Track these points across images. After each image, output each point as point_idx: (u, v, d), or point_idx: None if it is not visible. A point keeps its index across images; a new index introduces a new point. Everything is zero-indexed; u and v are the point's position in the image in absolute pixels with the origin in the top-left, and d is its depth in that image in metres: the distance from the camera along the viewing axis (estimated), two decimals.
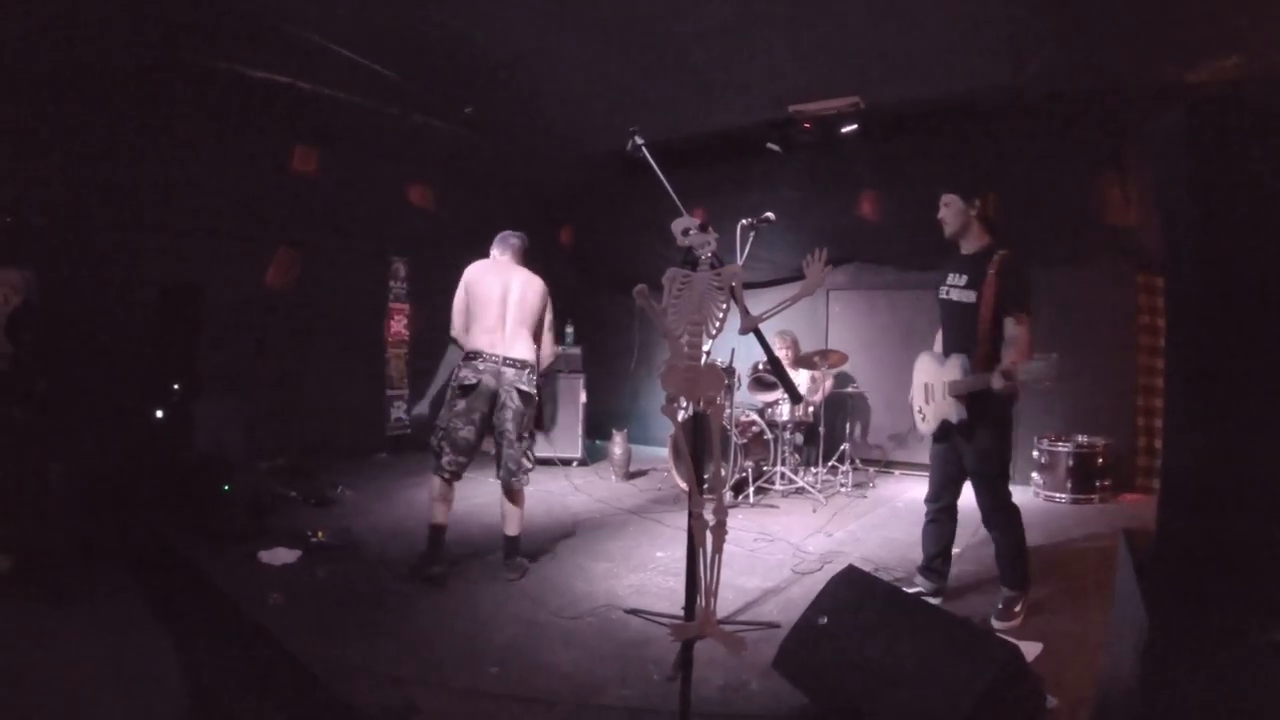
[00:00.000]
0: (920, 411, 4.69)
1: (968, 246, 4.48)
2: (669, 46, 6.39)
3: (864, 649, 2.88)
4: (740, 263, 4.41)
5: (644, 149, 3.58)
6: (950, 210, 4.48)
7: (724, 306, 2.66)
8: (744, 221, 4.56)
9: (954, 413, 4.28)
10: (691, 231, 2.82)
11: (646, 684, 3.48)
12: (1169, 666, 1.93)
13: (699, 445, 2.82)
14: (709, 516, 2.62)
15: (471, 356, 5.10)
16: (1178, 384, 2.34)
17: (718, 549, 2.58)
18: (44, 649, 3.95)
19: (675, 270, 2.75)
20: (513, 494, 5.15)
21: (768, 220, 4.59)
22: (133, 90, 6.81)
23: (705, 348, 4.01)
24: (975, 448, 4.33)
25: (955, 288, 4.42)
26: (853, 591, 3.21)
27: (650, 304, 2.74)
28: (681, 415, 2.85)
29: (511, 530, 5.14)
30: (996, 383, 3.96)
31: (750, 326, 2.82)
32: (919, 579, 4.73)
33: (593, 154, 8.99)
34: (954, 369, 4.29)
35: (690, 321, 2.65)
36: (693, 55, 6.52)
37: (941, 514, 4.66)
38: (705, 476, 2.82)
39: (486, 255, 5.52)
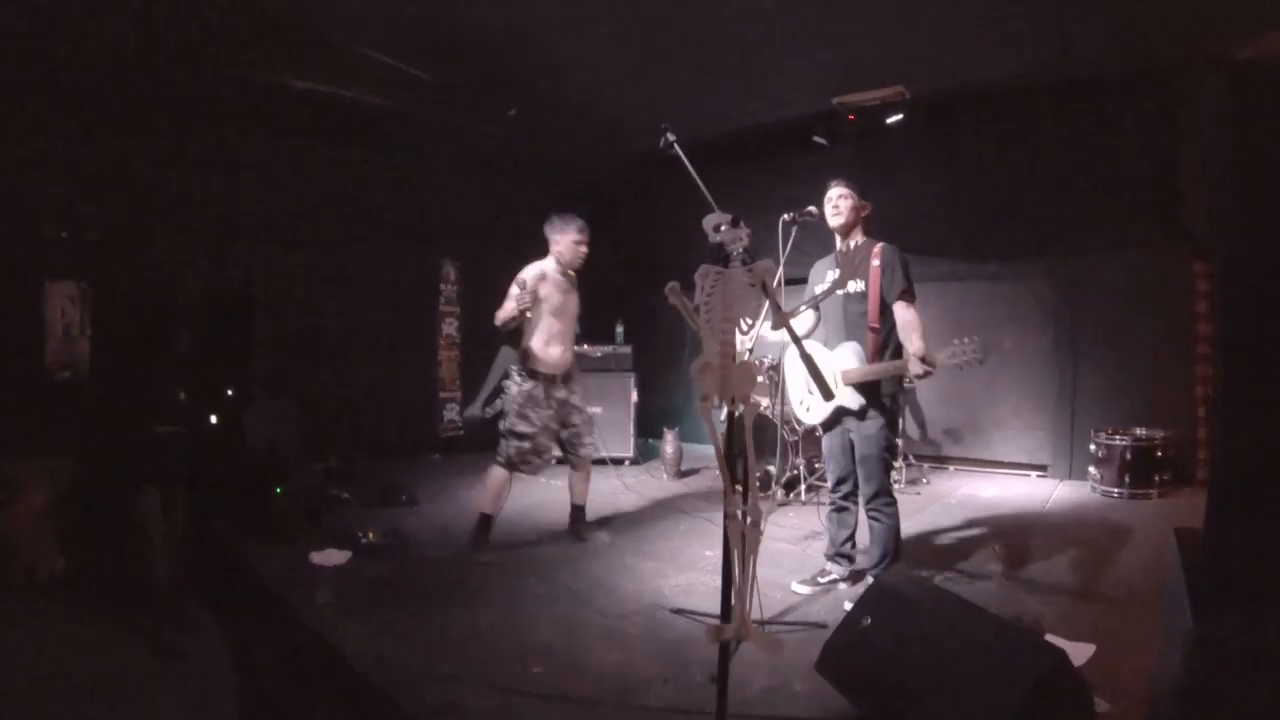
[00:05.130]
0: (803, 403, 4.78)
1: (850, 240, 4.64)
2: (712, 41, 6.34)
3: (906, 651, 2.81)
4: (783, 258, 4.38)
5: (676, 145, 3.55)
6: (847, 204, 4.58)
7: (757, 303, 2.62)
8: (785, 217, 4.51)
9: (851, 399, 4.42)
10: (723, 228, 2.78)
11: (689, 685, 3.45)
12: (1216, 669, 1.85)
13: (732, 445, 2.78)
14: (743, 517, 2.58)
15: None
16: (1228, 375, 2.24)
17: (752, 550, 2.53)
18: (96, 648, 4.04)
19: (707, 267, 2.71)
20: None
21: (810, 215, 4.53)
22: (183, 103, 6.94)
23: (749, 345, 3.98)
24: (865, 433, 4.47)
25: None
26: (897, 592, 3.14)
27: (683, 301, 2.71)
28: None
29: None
30: (916, 368, 4.10)
31: (782, 323, 2.78)
32: (830, 565, 4.83)
33: (639, 151, 8.97)
34: (847, 357, 4.43)
35: (723, 319, 2.61)
36: (735, 48, 6.46)
37: (845, 500, 4.77)
38: (739, 476, 2.77)
39: (538, 257, 5.65)
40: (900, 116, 7.66)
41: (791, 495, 7.13)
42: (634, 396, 9.06)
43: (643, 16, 5.95)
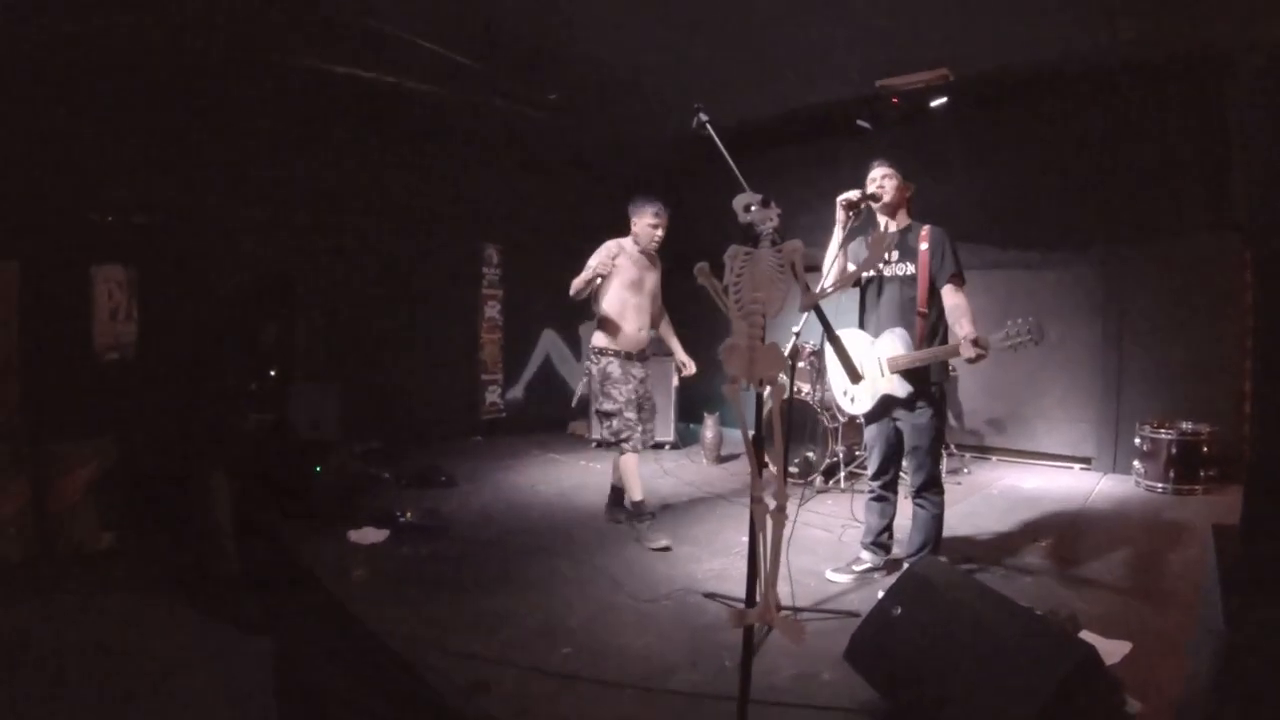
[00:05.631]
0: (847, 393, 4.62)
1: (896, 222, 4.51)
2: (754, 24, 6.27)
3: (935, 643, 2.77)
4: (839, 241, 4.31)
5: (708, 125, 3.51)
6: (892, 183, 4.45)
7: (785, 284, 2.57)
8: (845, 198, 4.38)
9: (899, 388, 4.32)
10: (753, 208, 2.74)
11: (717, 669, 3.43)
12: (1247, 670, 1.78)
13: (760, 427, 2.74)
14: (769, 501, 2.55)
15: None
16: (1265, 368, 2.14)
17: (777, 534, 2.50)
18: (138, 620, 4.11)
19: (736, 247, 2.65)
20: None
21: (875, 197, 4.39)
22: (226, 91, 7.00)
23: (796, 329, 3.92)
24: (916, 423, 4.39)
25: (887, 263, 4.45)
26: (929, 583, 3.08)
27: (712, 282, 2.67)
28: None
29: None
30: (968, 351, 3.97)
31: (810, 304, 2.73)
32: (865, 554, 4.77)
33: (679, 135, 8.93)
34: (893, 344, 4.33)
35: (752, 299, 2.57)
36: (777, 31, 6.38)
37: (885, 490, 4.70)
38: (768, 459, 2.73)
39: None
40: (944, 100, 7.55)
41: (830, 482, 7.07)
42: (675, 381, 9.03)
43: (686, 1, 5.90)
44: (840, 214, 4.31)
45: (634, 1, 5.94)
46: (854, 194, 4.34)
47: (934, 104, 7.60)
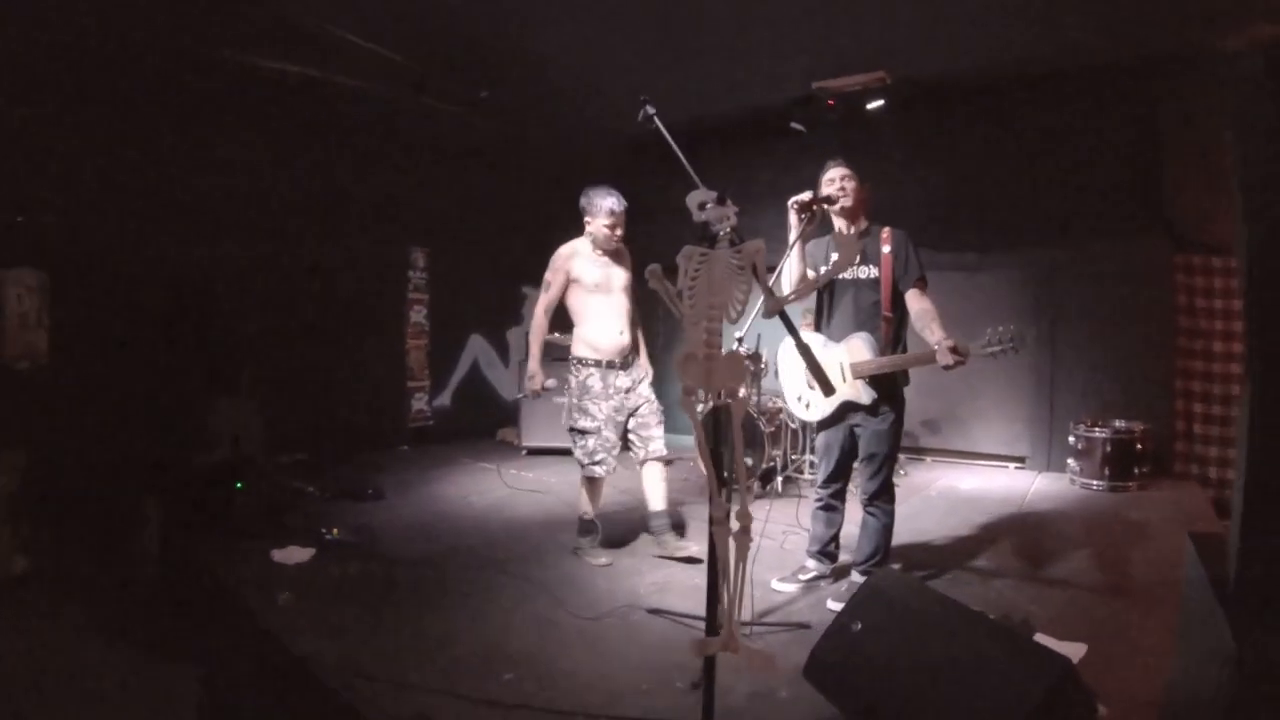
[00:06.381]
0: (801, 399, 4.52)
1: (856, 225, 4.41)
2: (689, 23, 6.17)
3: (902, 660, 2.65)
4: (793, 245, 4.16)
5: (656, 119, 3.35)
6: (852, 185, 4.34)
7: (746, 288, 2.41)
8: (797, 200, 4.23)
9: (864, 394, 4.22)
10: (708, 205, 2.57)
11: (668, 692, 3.27)
12: (1260, 690, 1.68)
13: (719, 442, 2.57)
14: (732, 522, 2.38)
15: None
16: (1261, 377, 2.05)
17: (741, 558, 2.32)
18: (55, 649, 3.85)
19: (691, 248, 2.47)
20: None
21: (830, 200, 4.22)
22: (144, 87, 6.70)
23: (740, 333, 3.78)
24: (876, 429, 4.29)
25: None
26: (890, 596, 2.97)
27: (665, 286, 2.50)
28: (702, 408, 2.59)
29: None
30: (945, 358, 3.89)
31: (776, 308, 2.59)
32: (810, 562, 4.67)
33: (614, 136, 8.81)
34: (858, 349, 4.23)
35: (708, 305, 2.40)
36: (712, 30, 6.30)
37: (834, 498, 4.59)
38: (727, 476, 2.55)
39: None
40: (881, 103, 7.53)
41: (767, 488, 6.98)
42: None
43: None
44: (793, 217, 4.13)
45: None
46: (805, 196, 4.16)
47: (871, 106, 7.57)
